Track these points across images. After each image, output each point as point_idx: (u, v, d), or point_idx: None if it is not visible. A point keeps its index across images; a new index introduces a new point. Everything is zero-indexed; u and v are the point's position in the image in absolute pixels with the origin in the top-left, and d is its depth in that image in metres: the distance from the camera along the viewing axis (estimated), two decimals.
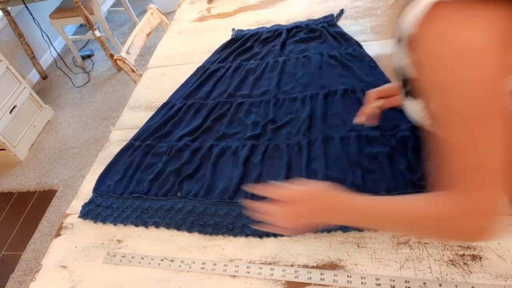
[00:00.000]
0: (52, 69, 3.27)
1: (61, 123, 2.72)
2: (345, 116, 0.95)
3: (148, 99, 1.24)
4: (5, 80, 2.39)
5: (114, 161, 1.03)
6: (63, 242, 0.90)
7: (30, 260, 1.93)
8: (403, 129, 0.85)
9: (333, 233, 0.75)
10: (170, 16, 1.80)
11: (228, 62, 1.26)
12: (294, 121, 0.99)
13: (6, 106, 2.37)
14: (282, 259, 0.74)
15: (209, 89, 1.17)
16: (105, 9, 2.97)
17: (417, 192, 0.74)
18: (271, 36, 1.31)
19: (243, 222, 0.80)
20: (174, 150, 1.00)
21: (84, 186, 1.02)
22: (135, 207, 0.90)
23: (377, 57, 1.09)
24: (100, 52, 3.27)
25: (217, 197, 0.86)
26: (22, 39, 2.91)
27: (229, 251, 0.77)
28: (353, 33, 1.20)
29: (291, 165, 0.88)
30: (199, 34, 1.47)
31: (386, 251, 0.70)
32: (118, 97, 2.78)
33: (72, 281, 0.81)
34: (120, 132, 1.15)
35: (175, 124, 1.09)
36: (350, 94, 1.00)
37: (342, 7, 1.34)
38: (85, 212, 0.93)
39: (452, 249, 0.67)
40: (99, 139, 2.49)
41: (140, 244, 0.84)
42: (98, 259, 0.84)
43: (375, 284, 0.65)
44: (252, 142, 0.95)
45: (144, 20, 1.56)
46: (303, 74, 1.11)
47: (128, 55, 1.41)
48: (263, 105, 1.06)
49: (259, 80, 1.15)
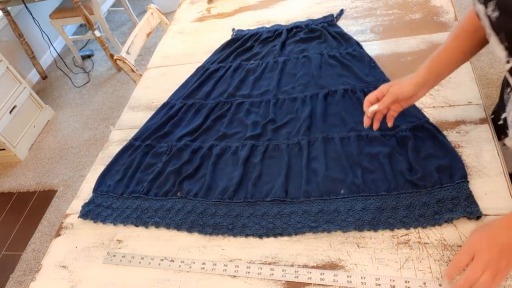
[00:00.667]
0: (52, 69, 3.27)
1: (61, 123, 2.72)
2: (345, 116, 0.95)
3: (148, 99, 1.24)
4: (5, 80, 2.39)
5: (114, 161, 1.03)
6: (63, 242, 0.90)
7: (30, 260, 1.93)
8: (403, 129, 0.85)
9: (333, 233, 0.75)
10: (170, 16, 1.80)
11: (228, 62, 1.26)
12: (294, 121, 0.99)
13: (6, 106, 2.37)
14: (282, 259, 0.74)
15: (209, 89, 1.17)
16: (105, 9, 2.98)
17: (417, 192, 0.75)
18: (271, 36, 1.31)
19: (243, 222, 0.80)
20: (174, 150, 1.00)
21: (84, 186, 1.02)
22: (135, 207, 0.90)
23: (377, 57, 1.09)
24: (100, 52, 3.27)
25: (217, 197, 0.86)
26: (22, 39, 2.91)
27: (229, 251, 0.77)
28: (353, 33, 1.20)
29: (291, 165, 0.88)
30: (199, 34, 1.47)
31: (386, 251, 0.70)
32: (118, 97, 2.78)
33: (72, 281, 0.81)
34: (120, 132, 1.15)
35: (175, 124, 1.09)
36: (350, 94, 1.00)
37: (342, 7, 1.34)
38: (85, 212, 0.93)
39: (452, 249, 0.67)
40: (99, 139, 2.49)
41: (140, 244, 0.84)
42: (98, 259, 0.84)
43: (375, 284, 0.65)
44: (252, 142, 0.95)
45: (144, 20, 1.56)
46: (303, 74, 1.11)
47: (128, 55, 1.41)
48: (263, 105, 1.06)
49: (259, 80, 1.15)
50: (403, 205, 0.74)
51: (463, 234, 0.68)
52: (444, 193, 0.73)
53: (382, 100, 0.78)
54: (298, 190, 0.82)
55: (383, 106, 0.78)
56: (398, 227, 0.71)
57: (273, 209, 0.80)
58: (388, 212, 0.74)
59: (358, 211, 0.75)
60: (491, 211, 0.69)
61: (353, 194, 0.78)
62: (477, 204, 0.70)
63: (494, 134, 0.81)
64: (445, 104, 0.91)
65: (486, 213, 0.69)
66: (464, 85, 0.93)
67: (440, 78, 0.78)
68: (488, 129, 0.82)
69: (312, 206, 0.79)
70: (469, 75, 0.94)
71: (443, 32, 1.09)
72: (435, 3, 1.21)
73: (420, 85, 0.75)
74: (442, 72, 0.77)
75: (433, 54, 0.76)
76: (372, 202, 0.76)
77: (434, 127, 0.84)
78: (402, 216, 0.72)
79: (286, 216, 0.79)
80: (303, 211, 0.78)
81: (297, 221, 0.77)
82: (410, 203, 0.74)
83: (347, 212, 0.76)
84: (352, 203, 0.77)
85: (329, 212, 0.76)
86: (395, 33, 1.16)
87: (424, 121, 0.86)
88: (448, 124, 0.86)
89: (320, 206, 0.78)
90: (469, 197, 0.71)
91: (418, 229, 0.71)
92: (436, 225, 0.70)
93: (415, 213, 0.72)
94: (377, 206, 0.75)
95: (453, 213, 0.69)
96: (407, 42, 1.11)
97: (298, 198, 0.81)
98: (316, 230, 0.75)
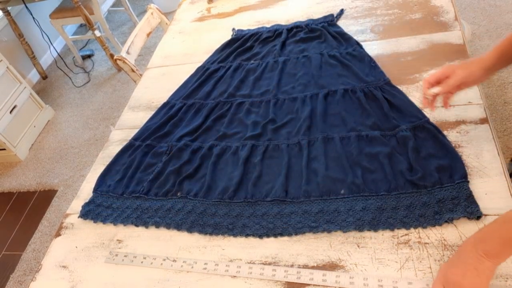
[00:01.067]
0: (52, 69, 3.27)
1: (61, 123, 2.72)
2: (345, 116, 0.94)
3: (148, 99, 1.24)
4: (5, 80, 2.39)
5: (114, 161, 1.03)
6: (63, 242, 0.90)
7: (30, 260, 1.93)
8: (403, 129, 0.85)
9: (333, 233, 0.75)
10: (170, 16, 1.80)
11: (228, 62, 1.26)
12: (294, 121, 0.99)
13: (6, 106, 2.37)
14: (282, 259, 0.74)
15: (209, 89, 1.17)
16: (105, 9, 2.97)
17: (417, 192, 0.75)
18: (271, 36, 1.31)
19: (243, 222, 0.80)
20: (174, 150, 1.00)
21: (84, 186, 1.02)
22: (135, 207, 0.90)
23: (377, 57, 1.09)
24: (100, 52, 3.27)
25: (217, 197, 0.86)
26: (22, 39, 2.91)
27: (229, 251, 0.77)
28: (353, 33, 1.20)
29: (291, 165, 0.88)
30: (199, 34, 1.47)
31: (386, 251, 0.70)
32: (118, 97, 2.78)
33: (72, 281, 0.81)
34: (120, 132, 1.15)
35: (175, 124, 1.09)
36: (350, 94, 1.00)
37: (342, 7, 1.34)
38: (85, 212, 0.93)
39: (453, 249, 0.67)
40: (99, 139, 2.49)
41: (140, 244, 0.84)
42: (98, 259, 0.84)
43: (377, 285, 0.65)
44: (252, 142, 0.95)
45: (144, 20, 1.56)
46: (303, 74, 1.11)
47: (128, 55, 1.41)
48: (263, 105, 1.06)
49: (259, 80, 1.15)
50: (403, 205, 0.74)
51: (463, 234, 0.68)
52: (444, 193, 0.73)
53: (447, 83, 0.75)
54: (298, 190, 0.82)
55: (448, 89, 0.76)
56: (398, 227, 0.71)
57: (273, 209, 0.80)
58: (388, 212, 0.74)
59: (358, 211, 0.75)
60: (491, 211, 0.69)
61: (353, 194, 0.78)
62: (477, 204, 0.70)
63: (494, 134, 0.81)
64: None
65: (486, 213, 0.69)
66: None
67: (509, 62, 0.75)
68: (488, 129, 0.82)
69: (312, 206, 0.78)
70: None
71: (443, 32, 1.09)
72: (435, 3, 1.20)
73: (490, 69, 0.74)
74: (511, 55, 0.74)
75: (501, 38, 0.74)
76: (372, 202, 0.76)
77: (434, 127, 0.84)
78: (402, 216, 0.72)
79: (286, 216, 0.79)
80: (303, 211, 0.78)
81: (297, 221, 0.77)
82: (410, 203, 0.74)
83: (347, 212, 0.76)
84: (352, 203, 0.77)
85: (329, 212, 0.76)
86: (395, 33, 1.16)
87: (424, 121, 0.86)
88: (448, 124, 0.86)
89: (320, 206, 0.78)
90: (469, 197, 0.71)
91: (418, 229, 0.71)
92: (436, 225, 0.70)
93: (415, 213, 0.72)
94: (377, 206, 0.75)
95: (453, 213, 0.69)
96: (407, 42, 1.11)
97: (298, 198, 0.81)
98: (316, 230, 0.75)
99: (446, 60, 1.00)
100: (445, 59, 1.01)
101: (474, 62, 0.75)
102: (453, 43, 1.05)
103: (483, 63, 0.74)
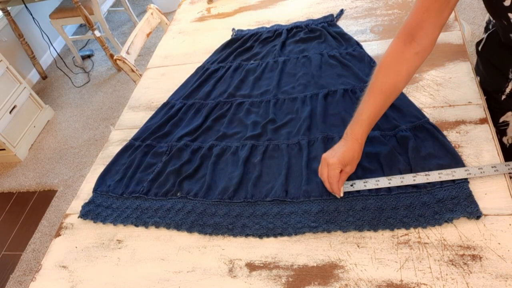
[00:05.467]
0: (52, 69, 3.27)
1: (61, 123, 2.72)
2: (345, 116, 0.94)
3: (148, 99, 1.24)
4: (5, 80, 2.39)
5: (114, 161, 1.03)
6: (63, 242, 0.90)
7: (30, 260, 1.93)
8: (403, 129, 0.85)
9: (333, 233, 0.75)
10: (170, 16, 1.80)
11: (228, 62, 1.26)
12: (294, 121, 0.99)
13: (6, 106, 2.37)
14: (282, 259, 0.74)
15: (209, 89, 1.17)
16: (105, 9, 2.97)
17: (417, 192, 0.75)
18: (271, 36, 1.31)
19: (243, 222, 0.80)
20: (174, 150, 1.00)
21: (84, 186, 1.02)
22: (135, 207, 0.90)
23: (377, 57, 1.09)
24: (100, 52, 3.27)
25: (217, 197, 0.86)
26: (22, 39, 2.91)
27: (229, 251, 0.77)
28: (353, 33, 1.20)
29: (291, 165, 0.88)
30: (199, 34, 1.47)
31: (386, 251, 0.70)
32: (118, 97, 2.78)
33: (72, 281, 0.81)
34: (120, 132, 1.15)
35: (175, 124, 1.09)
36: (350, 94, 1.00)
37: (342, 7, 1.34)
38: (85, 212, 0.93)
39: (452, 249, 0.67)
40: (99, 139, 2.49)
41: (140, 244, 0.84)
42: (98, 259, 0.84)
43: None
44: (252, 142, 0.95)
45: (144, 20, 1.56)
46: (303, 74, 1.11)
47: (128, 55, 1.41)
48: (263, 105, 1.06)
49: (259, 80, 1.15)
50: (403, 205, 0.74)
51: (463, 234, 0.68)
52: (444, 193, 0.73)
53: (342, 179, 0.77)
54: (298, 190, 0.82)
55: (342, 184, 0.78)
56: (398, 227, 0.71)
57: (273, 209, 0.80)
58: (388, 212, 0.74)
59: (358, 211, 0.75)
60: (491, 211, 0.70)
61: (353, 194, 0.78)
62: (477, 204, 0.70)
63: (494, 134, 0.81)
64: (445, 104, 0.91)
65: (486, 213, 0.69)
66: (464, 85, 0.93)
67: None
68: (488, 129, 0.82)
69: (312, 206, 0.79)
70: (469, 75, 0.94)
71: (443, 32, 1.09)
72: None
73: (363, 142, 0.77)
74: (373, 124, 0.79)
75: (362, 116, 0.77)
76: (372, 202, 0.76)
77: (434, 127, 0.84)
78: (402, 216, 0.72)
79: (286, 216, 0.79)
80: (303, 211, 0.78)
81: (297, 221, 0.77)
82: (410, 203, 0.74)
83: (347, 212, 0.76)
84: (352, 203, 0.77)
85: (329, 212, 0.76)
86: (395, 33, 1.15)
87: (424, 121, 0.86)
88: (448, 124, 0.86)
89: (320, 206, 0.78)
90: (469, 197, 0.71)
91: (418, 229, 0.71)
92: (436, 225, 0.70)
93: (415, 213, 0.72)
94: (377, 206, 0.75)
95: (453, 213, 0.70)
96: None
97: (298, 198, 0.81)
98: (316, 230, 0.75)
99: (446, 60, 1.00)
100: (445, 59, 1.01)
101: (350, 151, 0.75)
102: (453, 43, 1.05)
103: (358, 143, 0.76)
